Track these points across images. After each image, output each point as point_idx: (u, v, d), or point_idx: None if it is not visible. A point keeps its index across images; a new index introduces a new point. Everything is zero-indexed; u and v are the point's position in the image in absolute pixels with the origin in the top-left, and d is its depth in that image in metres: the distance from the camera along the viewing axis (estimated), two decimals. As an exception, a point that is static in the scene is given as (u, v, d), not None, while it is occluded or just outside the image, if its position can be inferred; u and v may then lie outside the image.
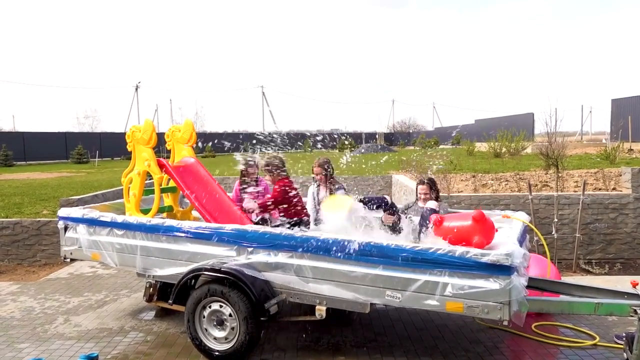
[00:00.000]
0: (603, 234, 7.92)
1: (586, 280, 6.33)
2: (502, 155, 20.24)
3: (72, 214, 5.40)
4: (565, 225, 7.83)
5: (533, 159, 16.72)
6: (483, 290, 3.60)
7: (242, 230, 4.45)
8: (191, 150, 6.09)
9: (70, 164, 30.54)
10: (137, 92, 70.14)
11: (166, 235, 4.78)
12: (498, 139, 21.83)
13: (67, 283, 7.02)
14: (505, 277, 3.57)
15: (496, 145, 21.18)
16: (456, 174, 12.37)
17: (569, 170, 11.08)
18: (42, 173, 20.68)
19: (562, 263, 7.62)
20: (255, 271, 4.33)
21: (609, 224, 7.92)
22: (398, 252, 3.85)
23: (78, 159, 31.66)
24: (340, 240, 4.07)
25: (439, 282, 3.73)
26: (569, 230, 7.79)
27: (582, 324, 5.13)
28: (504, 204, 7.90)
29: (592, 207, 7.93)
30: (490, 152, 21.14)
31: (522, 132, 22.92)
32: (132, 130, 5.64)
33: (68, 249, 5.46)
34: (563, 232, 7.77)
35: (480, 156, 21.15)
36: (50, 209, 9.53)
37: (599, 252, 7.92)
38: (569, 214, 7.86)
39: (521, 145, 22.14)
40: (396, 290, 3.87)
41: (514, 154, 20.75)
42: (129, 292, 6.52)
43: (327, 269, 4.08)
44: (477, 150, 24.37)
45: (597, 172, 10.02)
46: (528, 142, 24.34)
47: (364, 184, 13.90)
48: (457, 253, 3.70)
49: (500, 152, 20.71)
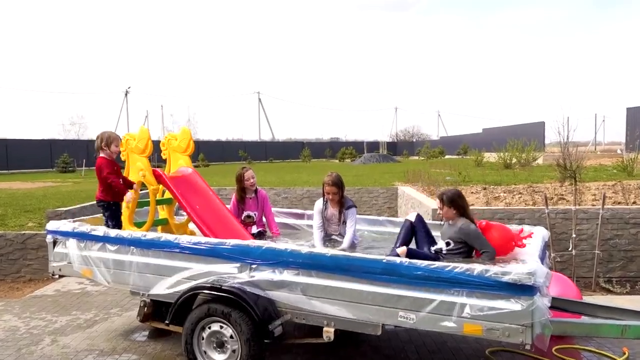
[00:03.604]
0: (624, 251, 7.87)
1: (607, 300, 6.29)
2: (512, 166, 20.27)
3: (61, 228, 5.35)
4: (584, 241, 7.79)
5: (546, 170, 16.75)
6: (504, 311, 3.55)
7: (244, 246, 4.40)
8: (188, 159, 6.07)
9: (56, 173, 30.49)
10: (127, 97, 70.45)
11: (162, 251, 4.73)
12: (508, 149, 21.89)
13: (54, 300, 6.95)
14: (528, 297, 3.52)
15: (506, 156, 21.24)
16: (466, 185, 12.36)
17: (585, 182, 11.07)
18: (25, 183, 20.61)
19: (580, 281, 7.57)
20: (259, 289, 4.27)
21: (629, 240, 7.88)
22: (412, 270, 3.81)
23: (64, 167, 31.65)
24: (352, 257, 4.03)
25: (456, 303, 3.67)
26: (588, 247, 7.75)
27: (606, 347, 5.08)
28: (519, 218, 7.86)
29: (611, 222, 7.89)
30: (500, 162, 21.18)
31: (533, 142, 22.99)
32: (125, 139, 5.62)
33: (57, 264, 5.40)
34: (581, 248, 7.73)
35: (490, 167, 21.17)
36: (36, 221, 9.46)
37: (619, 269, 7.88)
38: (588, 229, 7.83)
39: (532, 155, 22.19)
40: (410, 311, 3.81)
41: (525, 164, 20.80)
42: (121, 311, 6.45)
43: (336, 287, 4.03)
44: (486, 161, 24.41)
45: (615, 184, 10.01)
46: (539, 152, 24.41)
47: (367, 196, 13.87)
48: (475, 272, 3.65)
49: (510, 162, 20.75)
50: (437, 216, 5.21)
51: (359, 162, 37.03)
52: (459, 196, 4.75)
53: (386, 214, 13.20)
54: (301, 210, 6.79)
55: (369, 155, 41.19)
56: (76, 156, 34.02)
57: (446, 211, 4.74)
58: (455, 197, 4.71)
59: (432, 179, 13.50)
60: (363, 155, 42.00)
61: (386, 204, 13.87)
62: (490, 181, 13.30)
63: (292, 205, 13.19)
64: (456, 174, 14.90)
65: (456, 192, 4.81)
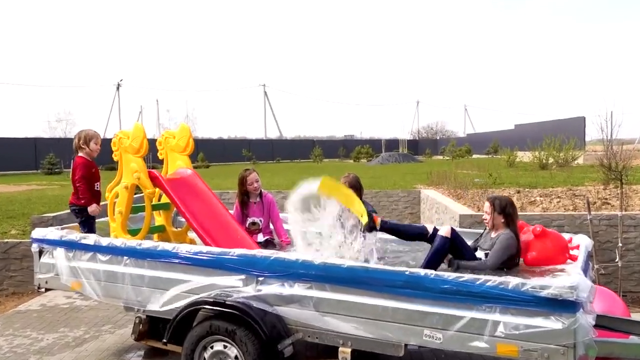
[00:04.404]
0: (676, 262, 7.78)
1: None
2: (549, 166, 20.14)
3: (48, 236, 5.39)
4: (631, 251, 7.72)
5: (587, 171, 16.63)
6: (542, 330, 3.53)
7: (250, 256, 4.41)
8: (187, 160, 6.10)
9: (41, 175, 30.78)
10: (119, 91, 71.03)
11: (159, 262, 4.75)
12: (544, 148, 21.76)
13: (40, 316, 7.00)
14: (570, 314, 3.49)
15: (542, 155, 21.11)
16: (497, 188, 12.30)
17: (632, 185, 10.97)
18: (7, 185, 20.82)
19: (627, 296, 7.49)
20: (266, 305, 4.27)
21: (683, 249, 7.79)
22: (439, 284, 3.79)
23: (49, 169, 31.93)
24: (371, 269, 4.03)
25: (488, 320, 3.65)
26: (636, 257, 7.67)
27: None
28: (557, 225, 7.80)
29: (663, 230, 7.80)
30: (534, 162, 21.06)
31: (572, 140, 22.82)
32: (118, 137, 5.64)
33: (43, 276, 5.44)
34: (628, 259, 7.65)
35: (523, 168, 21.06)
36: (20, 228, 9.55)
37: (671, 283, 7.78)
38: (636, 238, 7.75)
39: (571, 154, 22.04)
40: (436, 329, 3.80)
41: (564, 165, 20.66)
42: (113, 328, 6.49)
43: (353, 302, 4.02)
44: (519, 161, 24.29)
45: (667, 187, 9.91)
46: (579, 151, 24.24)
47: (386, 200, 13.85)
48: (510, 285, 3.62)
49: (546, 163, 20.63)
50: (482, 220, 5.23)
51: (376, 162, 37.00)
52: (511, 205, 4.88)
53: (407, 220, 13.16)
54: None
55: (387, 154, 41.14)
56: (63, 156, 34.22)
57: (495, 218, 4.84)
58: (507, 205, 4.84)
59: (459, 181, 13.44)
60: (381, 155, 41.97)
61: (407, 209, 13.84)
62: (524, 183, 13.22)
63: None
64: (486, 175, 14.82)
65: (509, 200, 4.95)
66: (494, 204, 4.84)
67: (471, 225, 7.91)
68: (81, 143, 5.69)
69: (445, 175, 15.18)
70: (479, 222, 7.87)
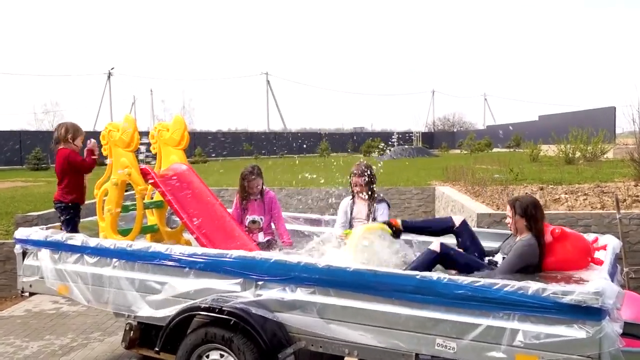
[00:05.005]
0: None
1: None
2: (575, 161, 20.06)
3: (32, 236, 5.41)
4: (664, 253, 7.68)
5: (617, 166, 16.53)
6: (565, 339, 3.51)
7: (249, 258, 4.42)
8: (182, 154, 6.10)
9: (26, 171, 30.92)
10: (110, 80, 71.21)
11: (152, 264, 4.76)
12: (570, 141, 21.65)
13: (24, 323, 7.05)
14: (595, 322, 3.47)
15: (568, 149, 21.02)
16: (519, 185, 12.26)
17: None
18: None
19: (660, 302, 7.46)
20: (266, 311, 4.28)
21: None
22: (452, 289, 3.78)
23: (36, 164, 32.04)
24: (379, 272, 4.02)
25: (506, 329, 3.64)
26: (669, 260, 7.63)
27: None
28: (584, 225, 7.78)
29: (699, 230, 7.77)
30: (560, 157, 20.98)
31: (602, 132, 22.66)
32: (108, 130, 5.67)
33: (27, 280, 5.46)
34: (661, 262, 7.62)
35: (548, 162, 20.98)
36: (3, 227, 9.62)
37: None
38: (669, 239, 7.71)
39: (600, 148, 21.93)
40: (449, 338, 3.79)
41: (592, 159, 20.56)
42: (102, 335, 6.52)
43: (359, 309, 4.02)
44: (543, 155, 24.21)
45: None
46: (609, 144, 24.10)
47: (398, 198, 13.83)
48: (530, 291, 3.61)
49: (573, 157, 20.54)
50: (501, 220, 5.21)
51: (388, 157, 36.93)
52: (534, 206, 4.74)
53: (421, 218, 13.14)
54: (318, 216, 6.78)
55: (400, 148, 41.09)
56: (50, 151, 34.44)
57: (517, 221, 4.75)
58: (529, 206, 4.71)
59: (477, 177, 13.41)
60: (393, 149, 41.87)
61: (421, 207, 13.84)
62: (548, 180, 13.17)
63: (307, 209, 13.20)
64: (506, 170, 14.77)
65: (532, 201, 4.82)
66: (514, 206, 4.75)
67: (490, 225, 7.90)
68: (69, 136, 5.66)
69: (462, 170, 15.16)
70: (497, 222, 7.85)
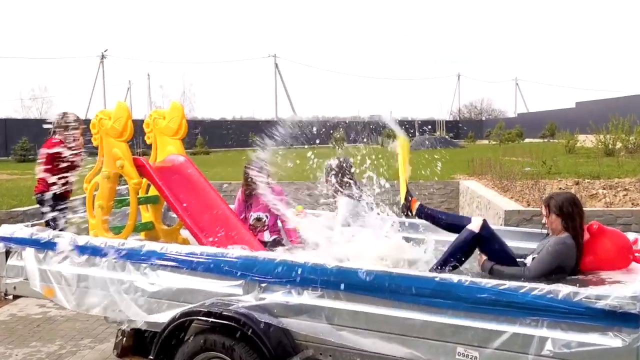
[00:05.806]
0: None
1: None
2: (616, 152, 19.93)
3: (16, 234, 5.45)
4: None
5: (662, 159, 16.42)
6: (599, 348, 3.50)
7: (252, 258, 4.44)
8: (180, 144, 6.11)
9: (12, 163, 31.16)
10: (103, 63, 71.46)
11: (146, 265, 4.79)
12: (610, 130, 21.52)
13: (8, 328, 7.11)
14: (632, 330, 3.46)
15: (608, 139, 20.89)
16: (552, 179, 12.20)
17: None
18: (-27, 175, 21.10)
19: None
20: (270, 316, 4.29)
21: None
22: (474, 292, 3.79)
23: (22, 155, 32.30)
24: (394, 274, 4.03)
25: (534, 336, 3.64)
26: None
27: None
28: (623, 223, 7.74)
29: None
30: (599, 148, 20.86)
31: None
32: (98, 117, 5.67)
33: (10, 281, 5.50)
34: None
35: (585, 154, 20.88)
36: (-14, 225, 9.68)
37: None
38: None
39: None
40: (471, 347, 3.80)
41: (634, 151, 20.42)
42: (93, 342, 6.57)
43: (372, 314, 4.03)
44: (580, 146, 24.09)
45: None
46: (655, 134, 23.92)
47: (418, 193, 13.80)
48: (560, 295, 3.61)
49: (613, 148, 20.41)
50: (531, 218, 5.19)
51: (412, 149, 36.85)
52: (571, 203, 4.69)
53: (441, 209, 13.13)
54: (329, 212, 6.78)
55: (421, 138, 40.95)
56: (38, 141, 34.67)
57: (552, 221, 4.72)
58: (565, 203, 4.66)
59: (506, 171, 13.35)
60: (414, 139, 41.77)
61: (444, 203, 13.81)
62: (585, 173, 13.09)
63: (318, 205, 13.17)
64: (539, 163, 14.70)
65: (568, 198, 4.77)
66: (548, 205, 4.71)
67: (519, 223, 7.86)
68: (70, 128, 5.61)
69: (489, 163, 15.10)
70: (527, 220, 7.83)
